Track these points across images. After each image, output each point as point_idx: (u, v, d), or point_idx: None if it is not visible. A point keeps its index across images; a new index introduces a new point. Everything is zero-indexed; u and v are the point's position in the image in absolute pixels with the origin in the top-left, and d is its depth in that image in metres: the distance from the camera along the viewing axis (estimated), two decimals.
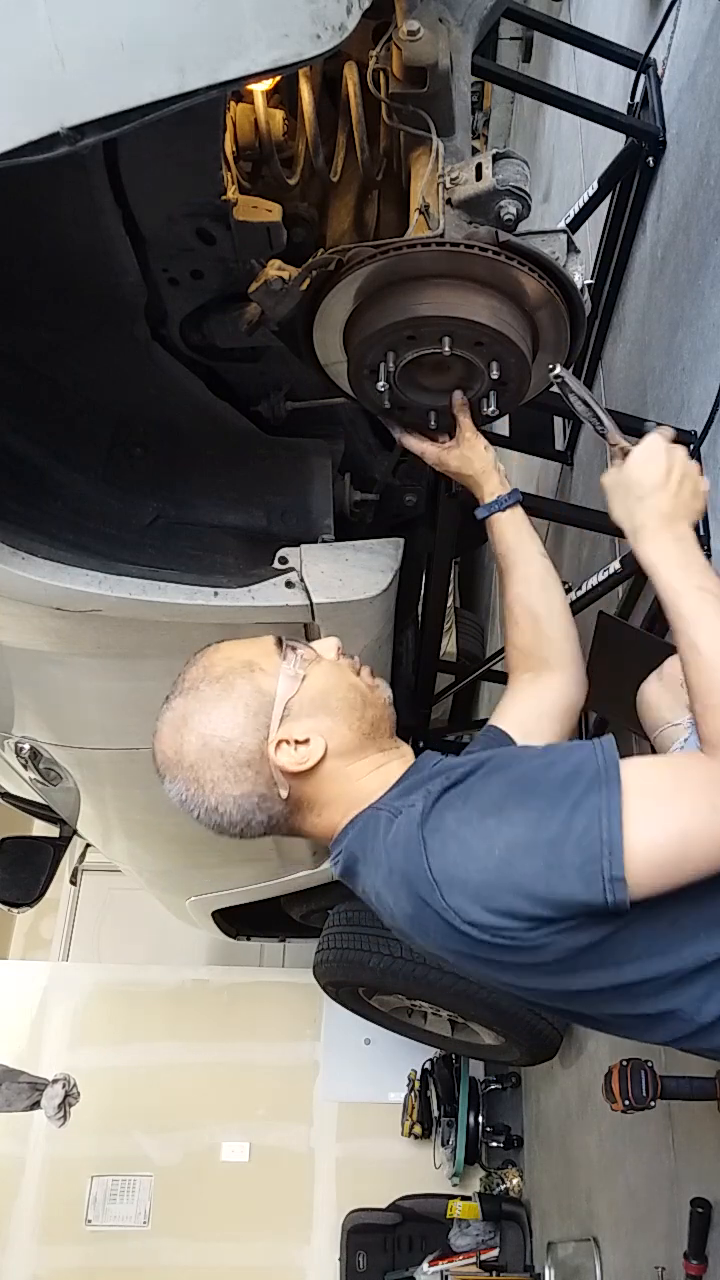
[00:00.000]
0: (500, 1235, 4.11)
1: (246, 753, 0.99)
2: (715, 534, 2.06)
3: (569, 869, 0.83)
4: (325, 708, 1.02)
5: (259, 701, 1.00)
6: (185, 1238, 4.52)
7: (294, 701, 1.01)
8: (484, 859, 0.86)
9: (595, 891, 0.83)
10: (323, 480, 1.65)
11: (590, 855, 0.83)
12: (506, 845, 0.86)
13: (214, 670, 1.03)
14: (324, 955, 3.50)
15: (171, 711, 1.03)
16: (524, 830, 0.86)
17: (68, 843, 3.02)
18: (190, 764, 1.00)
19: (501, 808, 0.89)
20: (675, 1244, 2.24)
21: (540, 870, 0.84)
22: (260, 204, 1.29)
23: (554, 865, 0.84)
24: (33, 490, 1.45)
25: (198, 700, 1.01)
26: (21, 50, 0.76)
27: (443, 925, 0.89)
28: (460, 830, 0.89)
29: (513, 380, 1.35)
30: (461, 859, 0.88)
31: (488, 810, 0.89)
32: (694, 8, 2.30)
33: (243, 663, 1.03)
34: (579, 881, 0.83)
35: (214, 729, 1.00)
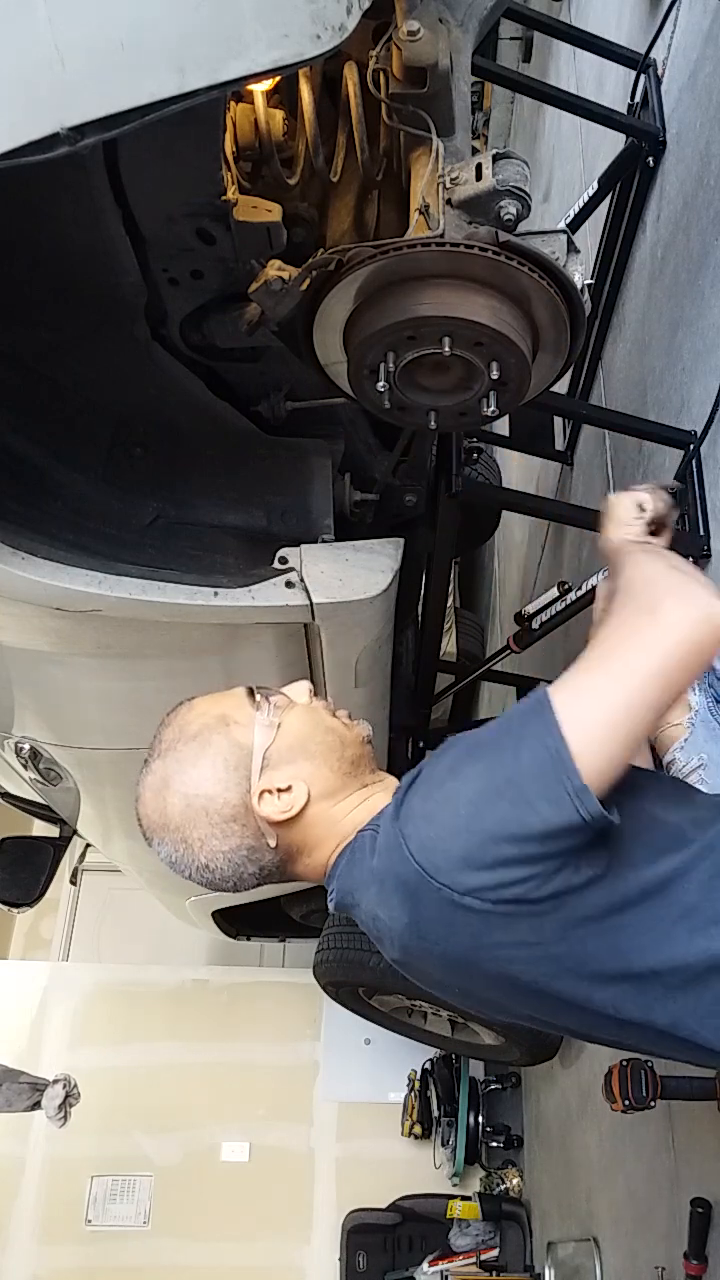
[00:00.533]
0: (500, 1235, 4.12)
1: (230, 808, 0.99)
2: (715, 534, 2.06)
3: (535, 799, 0.85)
4: (304, 752, 1.02)
5: (237, 755, 1.00)
6: (185, 1238, 4.52)
7: (272, 750, 1.01)
8: (454, 821, 0.88)
9: (567, 810, 0.84)
10: (323, 480, 1.65)
11: (548, 779, 0.85)
12: (470, 801, 0.88)
13: (189, 729, 1.03)
14: (324, 955, 3.50)
15: (151, 775, 1.02)
16: (481, 781, 0.89)
17: (68, 843, 3.02)
18: (176, 825, 1.00)
19: (455, 771, 0.91)
20: (675, 1244, 2.24)
21: (509, 811, 0.86)
22: (260, 204, 1.29)
23: (519, 800, 0.85)
24: (33, 490, 1.45)
25: (176, 761, 1.01)
26: (21, 50, 0.76)
27: (444, 911, 0.88)
28: (425, 806, 0.91)
29: (513, 380, 1.35)
30: (435, 832, 0.89)
31: (444, 779, 0.92)
32: (694, 8, 2.30)
33: (216, 718, 1.03)
34: (549, 806, 0.84)
35: (196, 788, 0.99)
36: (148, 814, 1.02)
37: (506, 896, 0.86)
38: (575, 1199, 3.40)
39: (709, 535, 2.06)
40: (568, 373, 1.63)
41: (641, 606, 0.92)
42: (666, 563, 1.00)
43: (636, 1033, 0.98)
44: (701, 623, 0.88)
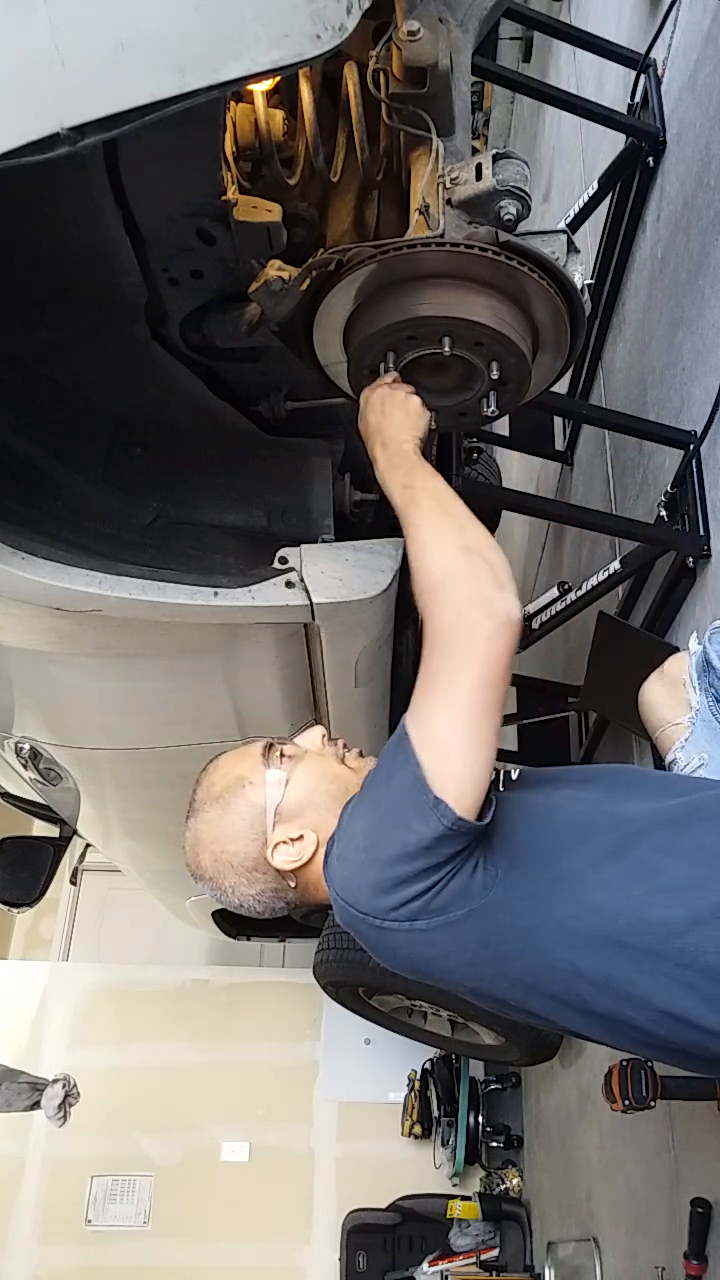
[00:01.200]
0: (500, 1235, 4.12)
1: (251, 860, 1.13)
2: (715, 534, 2.06)
3: (410, 819, 0.96)
4: (311, 804, 1.14)
5: (252, 814, 1.13)
6: (185, 1238, 4.52)
7: (282, 806, 1.13)
8: (358, 856, 1.01)
9: (433, 823, 0.95)
10: (323, 480, 1.65)
11: (414, 799, 0.96)
12: (364, 834, 1.01)
13: (213, 791, 1.17)
14: (324, 955, 3.50)
15: (190, 833, 1.18)
16: (369, 816, 1.02)
17: (68, 843, 3.02)
18: (210, 876, 1.16)
19: (353, 814, 1.06)
20: (675, 1244, 2.24)
21: (393, 835, 0.98)
22: (260, 204, 1.28)
23: (399, 824, 0.97)
24: (33, 490, 1.45)
25: (204, 823, 1.16)
26: (21, 50, 0.76)
27: (377, 935, 1.01)
28: (337, 849, 1.06)
29: (513, 380, 1.35)
30: (348, 871, 1.03)
31: (348, 822, 1.06)
32: (694, 8, 2.30)
33: (235, 779, 1.16)
34: (420, 823, 0.96)
35: (220, 845, 1.14)
36: (189, 865, 1.18)
37: (415, 910, 0.98)
38: (575, 1199, 3.40)
39: (709, 535, 2.06)
40: (568, 373, 1.63)
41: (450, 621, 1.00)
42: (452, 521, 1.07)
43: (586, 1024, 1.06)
44: (505, 627, 0.98)
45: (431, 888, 0.97)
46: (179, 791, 1.19)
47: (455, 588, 1.01)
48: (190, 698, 1.81)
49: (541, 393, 1.50)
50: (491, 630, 0.98)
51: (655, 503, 2.25)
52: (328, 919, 3.55)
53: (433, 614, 1.01)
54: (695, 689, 1.34)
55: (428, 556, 1.05)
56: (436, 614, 1.01)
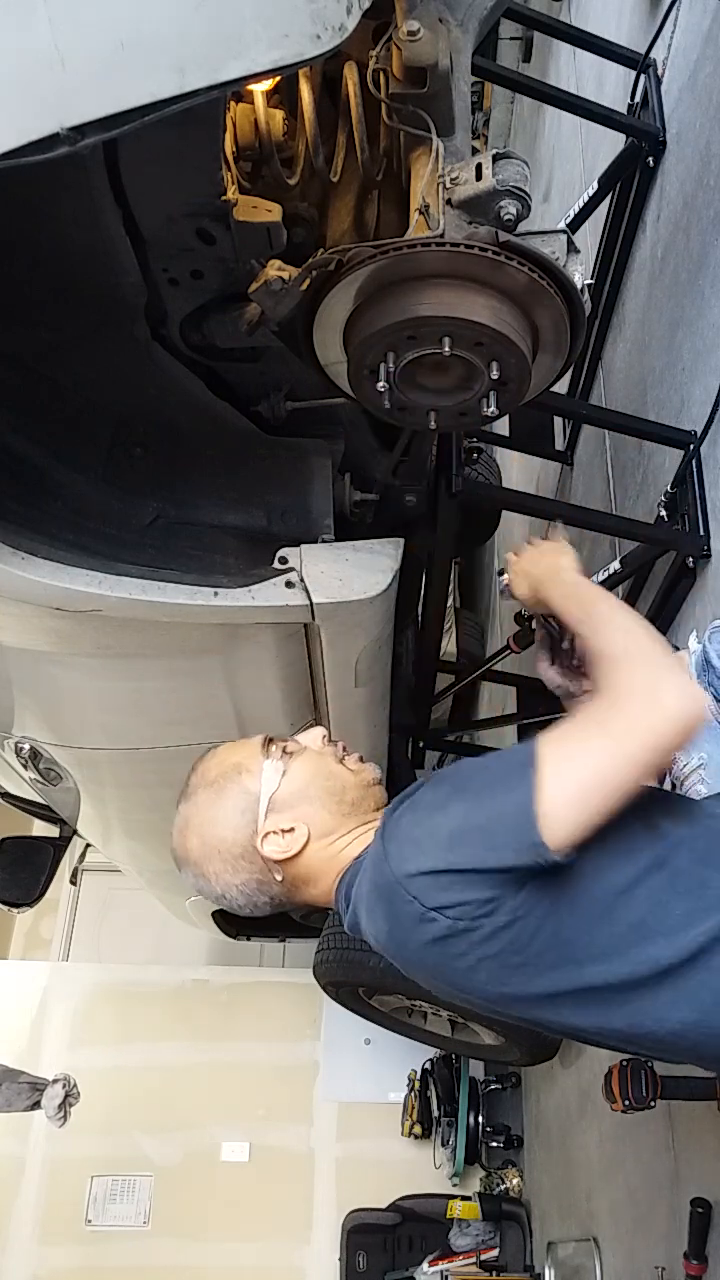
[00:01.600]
0: (500, 1235, 4.12)
1: (239, 847, 1.12)
2: (715, 534, 2.06)
3: (504, 846, 0.96)
4: (305, 797, 1.14)
5: (246, 801, 1.13)
6: (185, 1238, 4.52)
7: (276, 796, 1.13)
8: (434, 848, 0.99)
9: (525, 857, 0.95)
10: (323, 480, 1.65)
11: (516, 829, 0.95)
12: (450, 833, 0.99)
13: (208, 776, 1.16)
14: (324, 955, 3.50)
15: (179, 816, 1.17)
16: (462, 819, 1.00)
17: (68, 843, 3.02)
18: (195, 861, 1.15)
19: (445, 805, 1.02)
20: (675, 1244, 2.24)
21: (480, 849, 0.97)
22: (260, 204, 1.28)
23: (489, 845, 0.96)
24: (33, 490, 1.45)
25: (195, 806, 1.15)
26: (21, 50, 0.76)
27: (414, 919, 0.99)
28: (413, 832, 1.02)
29: (513, 380, 1.35)
30: (414, 853, 1.00)
31: (434, 809, 1.03)
32: (694, 8, 2.30)
33: (232, 766, 1.16)
34: (513, 853, 0.95)
35: (210, 830, 1.13)
36: (175, 848, 1.17)
37: (465, 915, 0.97)
38: (575, 1199, 3.40)
39: (709, 535, 2.06)
40: (568, 373, 1.63)
41: (634, 692, 0.99)
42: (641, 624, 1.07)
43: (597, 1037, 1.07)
44: (688, 720, 0.98)
45: (489, 900, 0.97)
46: (179, 792, 1.19)
47: (657, 666, 1.01)
48: (190, 698, 1.81)
49: (541, 393, 1.50)
50: (678, 713, 0.97)
51: (655, 503, 2.25)
52: (328, 919, 3.55)
53: (625, 675, 1.00)
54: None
55: (631, 634, 1.05)
56: (631, 676, 1.00)
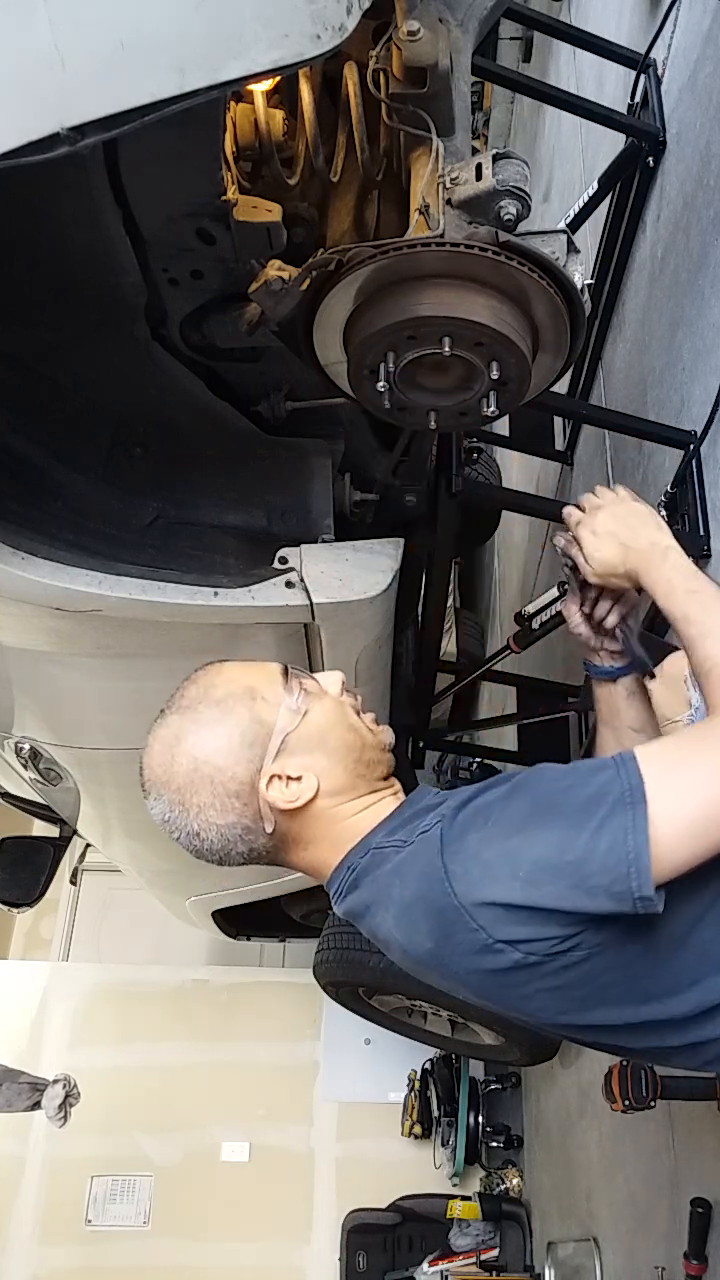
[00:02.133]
0: (500, 1235, 4.12)
1: (236, 783, 0.97)
2: (715, 534, 2.06)
3: (598, 890, 0.84)
4: (322, 746, 1.00)
5: (256, 732, 0.98)
6: (185, 1238, 4.52)
7: (292, 737, 0.99)
8: (511, 880, 0.86)
9: (624, 907, 0.84)
10: (323, 480, 1.65)
11: (617, 876, 0.84)
12: (532, 866, 0.86)
13: (214, 692, 1.00)
14: (324, 955, 3.50)
15: (165, 728, 1.00)
16: (548, 850, 0.86)
17: (68, 843, 3.01)
18: (178, 786, 0.98)
19: (524, 828, 0.89)
20: (675, 1244, 2.24)
21: (566, 891, 0.85)
22: (260, 204, 1.28)
23: (580, 886, 0.85)
24: (33, 490, 1.45)
25: (194, 721, 0.98)
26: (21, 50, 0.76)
27: (475, 947, 0.89)
28: (483, 852, 0.89)
29: (513, 380, 1.35)
30: (487, 881, 0.88)
31: (510, 831, 0.89)
32: (694, 8, 2.30)
33: (245, 688, 1.00)
34: (609, 899, 0.84)
35: (207, 754, 0.97)
36: (153, 766, 0.99)
37: (538, 951, 0.87)
38: (575, 1199, 3.40)
39: (709, 535, 2.06)
40: (568, 373, 1.63)
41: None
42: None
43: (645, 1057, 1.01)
44: None
45: (570, 936, 0.87)
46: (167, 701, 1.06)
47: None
48: None
49: (541, 393, 1.50)
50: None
51: (655, 503, 2.25)
52: (328, 919, 3.55)
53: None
54: (694, 687, 1.34)
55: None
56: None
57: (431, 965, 0.95)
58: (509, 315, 1.28)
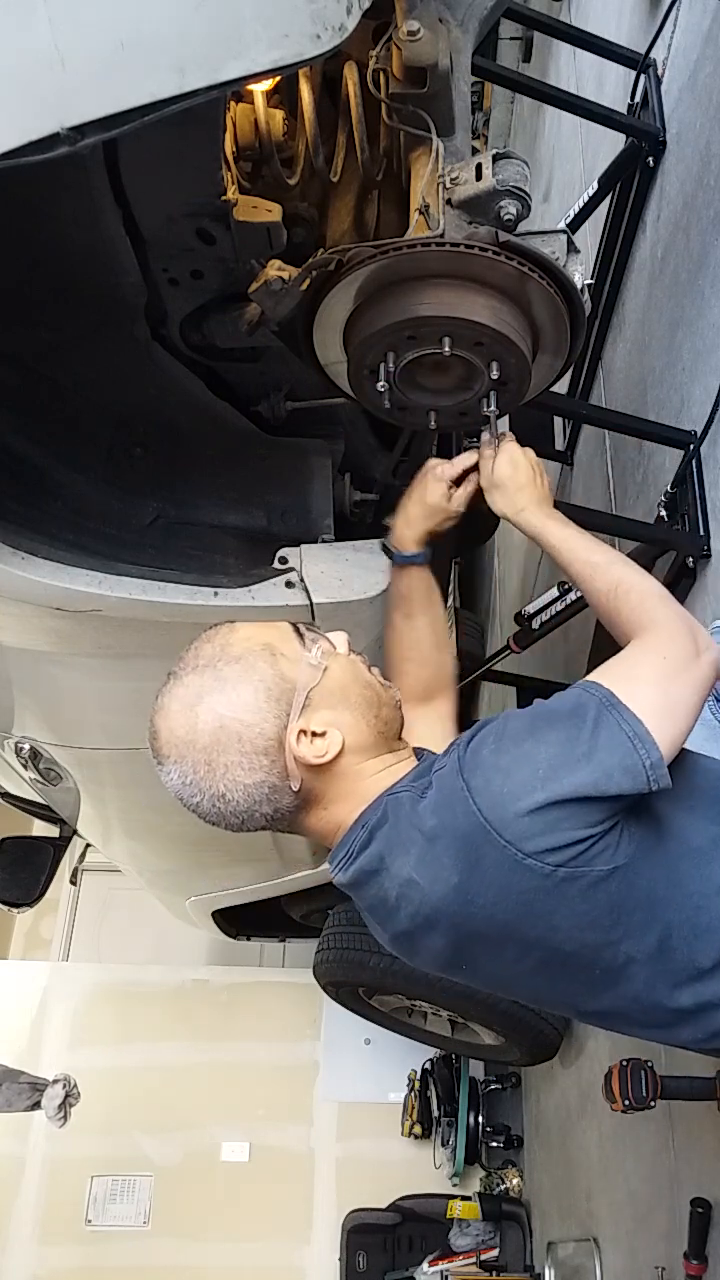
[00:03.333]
0: (500, 1235, 4.12)
1: (265, 739, 0.95)
2: (715, 534, 2.06)
3: (614, 769, 0.91)
4: (345, 701, 1.01)
5: (280, 687, 0.97)
6: (185, 1238, 4.52)
7: (315, 691, 0.98)
8: (531, 779, 0.90)
9: (640, 781, 0.91)
10: (323, 480, 1.65)
11: (625, 753, 0.91)
12: (549, 763, 0.91)
13: (232, 649, 0.98)
14: (324, 955, 3.50)
15: (183, 688, 0.97)
16: (560, 749, 0.92)
17: (68, 843, 3.01)
18: (204, 746, 0.95)
19: (532, 733, 0.94)
20: (675, 1244, 2.24)
21: (584, 778, 0.90)
22: (260, 204, 1.28)
23: (596, 770, 0.90)
24: (33, 490, 1.45)
25: (216, 679, 0.96)
26: (21, 50, 0.76)
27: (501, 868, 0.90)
28: (500, 760, 0.93)
29: (513, 380, 1.35)
30: (509, 786, 0.91)
31: (520, 738, 0.94)
32: (694, 8, 2.30)
33: (263, 644, 0.99)
34: (626, 776, 0.91)
35: (234, 711, 0.95)
36: (171, 728, 0.97)
37: (567, 858, 0.90)
38: (575, 1199, 3.40)
39: (709, 535, 2.07)
40: (568, 373, 1.63)
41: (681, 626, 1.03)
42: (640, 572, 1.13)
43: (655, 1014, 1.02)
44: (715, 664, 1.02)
45: (592, 837, 0.90)
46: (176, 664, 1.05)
47: (678, 612, 1.05)
48: None
49: (541, 393, 1.49)
50: (714, 657, 1.02)
51: (655, 503, 2.25)
52: (328, 919, 3.55)
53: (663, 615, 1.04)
54: None
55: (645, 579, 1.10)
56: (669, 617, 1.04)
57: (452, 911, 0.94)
58: (509, 315, 1.28)
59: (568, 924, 0.93)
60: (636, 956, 0.97)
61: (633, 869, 0.94)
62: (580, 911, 0.92)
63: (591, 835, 0.91)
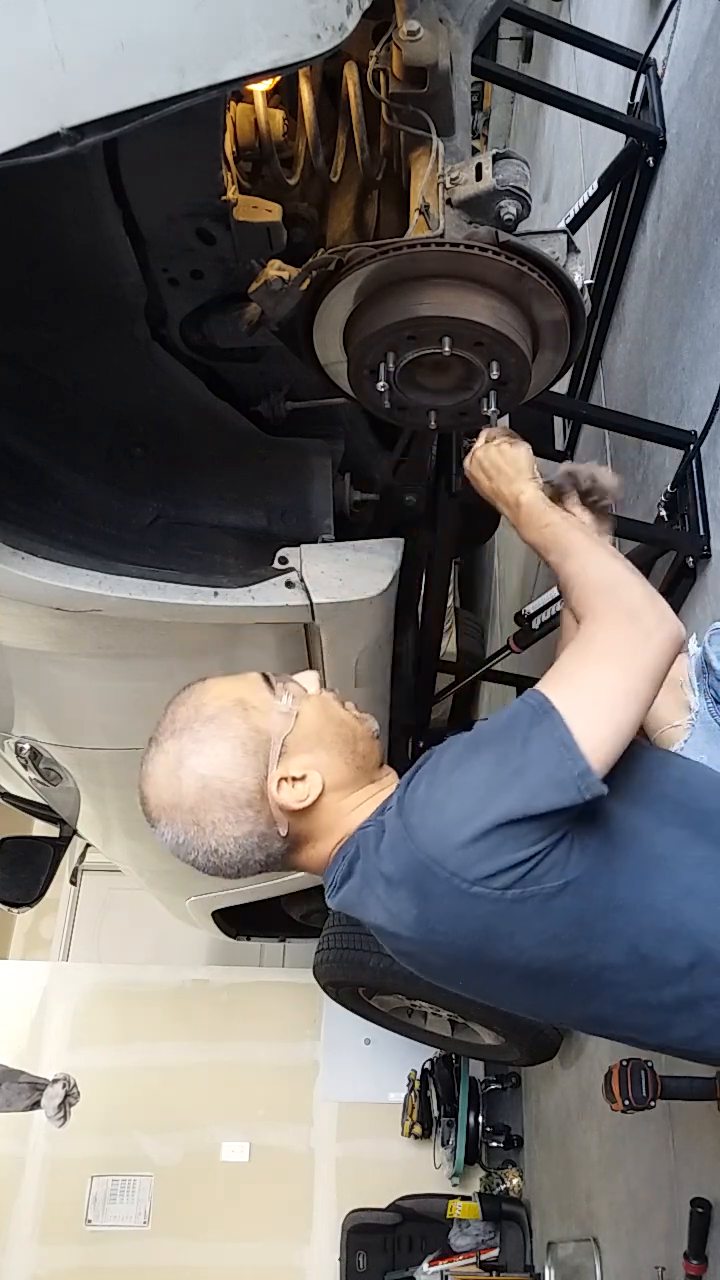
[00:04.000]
0: (500, 1235, 4.11)
1: (247, 793, 0.99)
2: (715, 534, 2.06)
3: (542, 785, 0.90)
4: (320, 743, 1.03)
5: (256, 740, 1.00)
6: (185, 1238, 4.51)
7: (290, 739, 1.01)
8: (462, 810, 0.91)
9: (571, 793, 0.89)
10: (323, 480, 1.65)
11: (554, 763, 0.90)
12: (477, 789, 0.91)
13: (205, 710, 1.02)
14: (324, 955, 3.50)
15: (164, 754, 1.01)
16: (490, 771, 0.92)
17: (68, 843, 3.02)
18: (190, 807, 0.99)
19: (462, 764, 0.95)
20: (675, 1244, 2.24)
21: (517, 798, 0.89)
22: (260, 204, 1.28)
23: (525, 789, 0.90)
24: (33, 490, 1.45)
25: (193, 741, 1.00)
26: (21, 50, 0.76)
27: (453, 902, 0.91)
28: (433, 795, 0.94)
29: (513, 380, 1.35)
30: (443, 821, 0.92)
31: (451, 769, 0.95)
32: (694, 8, 2.30)
33: (234, 701, 1.02)
34: (555, 791, 0.89)
35: (214, 770, 0.99)
36: (158, 794, 1.01)
37: (512, 879, 0.90)
38: (575, 1199, 3.40)
39: (709, 535, 2.06)
40: (568, 372, 1.63)
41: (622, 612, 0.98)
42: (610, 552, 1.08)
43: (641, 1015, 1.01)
44: (675, 641, 0.98)
45: (535, 855, 0.90)
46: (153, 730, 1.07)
47: (631, 592, 1.00)
48: None
49: (541, 392, 1.50)
50: (670, 633, 0.97)
51: (655, 503, 2.25)
52: (328, 919, 3.55)
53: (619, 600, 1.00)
54: (694, 691, 1.34)
55: (598, 566, 1.04)
56: (625, 601, 0.99)
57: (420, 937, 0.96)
58: (509, 315, 1.28)
59: (530, 942, 0.94)
60: (609, 964, 0.97)
61: (588, 880, 0.93)
62: (539, 929, 0.93)
63: (534, 854, 0.90)
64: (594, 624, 0.99)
